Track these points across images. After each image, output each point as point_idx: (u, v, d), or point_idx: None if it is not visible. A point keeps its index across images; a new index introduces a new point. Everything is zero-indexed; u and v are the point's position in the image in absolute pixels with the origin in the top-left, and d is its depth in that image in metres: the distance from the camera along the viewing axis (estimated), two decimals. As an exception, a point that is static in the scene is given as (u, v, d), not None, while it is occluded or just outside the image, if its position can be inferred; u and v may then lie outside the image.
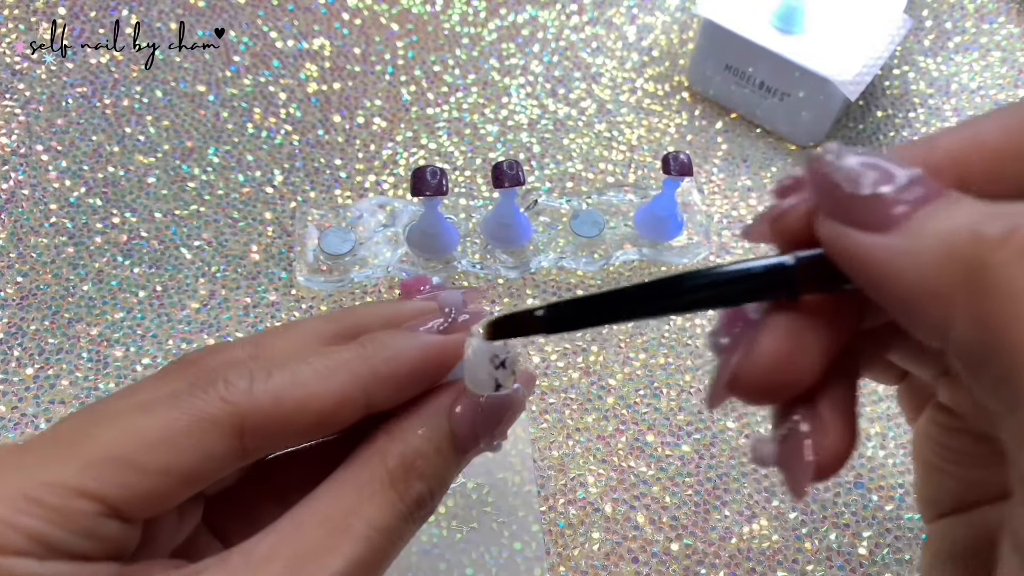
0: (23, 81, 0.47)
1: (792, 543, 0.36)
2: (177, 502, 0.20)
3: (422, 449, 0.21)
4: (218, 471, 0.20)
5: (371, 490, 0.20)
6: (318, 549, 0.19)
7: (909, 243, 0.16)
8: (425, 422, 0.21)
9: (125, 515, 0.19)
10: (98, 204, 0.44)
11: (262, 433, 0.20)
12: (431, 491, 0.21)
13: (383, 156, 0.46)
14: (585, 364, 0.40)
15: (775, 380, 0.19)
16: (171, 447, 0.19)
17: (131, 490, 0.19)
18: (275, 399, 0.20)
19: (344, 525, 0.19)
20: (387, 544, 0.20)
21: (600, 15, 0.53)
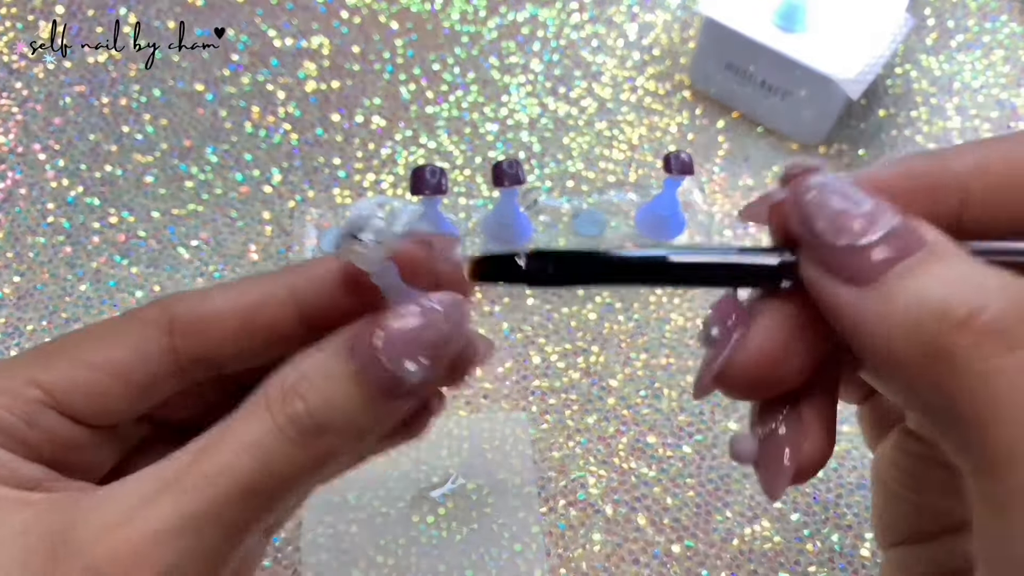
0: (20, 80, 0.47)
1: (794, 544, 0.36)
2: (122, 403, 0.21)
3: (306, 372, 0.19)
4: (155, 370, 0.21)
5: (246, 414, 0.19)
6: (182, 463, 0.18)
7: (880, 306, 0.16)
8: (320, 347, 0.19)
9: (68, 408, 0.20)
10: (96, 203, 0.43)
11: (191, 329, 0.21)
12: (313, 412, 0.18)
13: (382, 155, 0.46)
14: (586, 365, 0.40)
15: (762, 376, 0.19)
16: (110, 343, 0.20)
17: (74, 382, 0.20)
18: (203, 296, 0.21)
19: (214, 443, 0.19)
20: (258, 459, 0.18)
21: (601, 13, 0.52)
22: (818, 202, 0.18)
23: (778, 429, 0.19)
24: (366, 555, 0.33)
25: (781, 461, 0.19)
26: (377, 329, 0.19)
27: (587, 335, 0.41)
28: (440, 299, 0.19)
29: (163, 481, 0.18)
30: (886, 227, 0.17)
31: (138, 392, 0.21)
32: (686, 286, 0.20)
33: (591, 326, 0.41)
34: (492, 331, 0.40)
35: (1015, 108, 0.49)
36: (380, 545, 0.34)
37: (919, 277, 0.16)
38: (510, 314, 0.41)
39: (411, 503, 0.35)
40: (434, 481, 0.35)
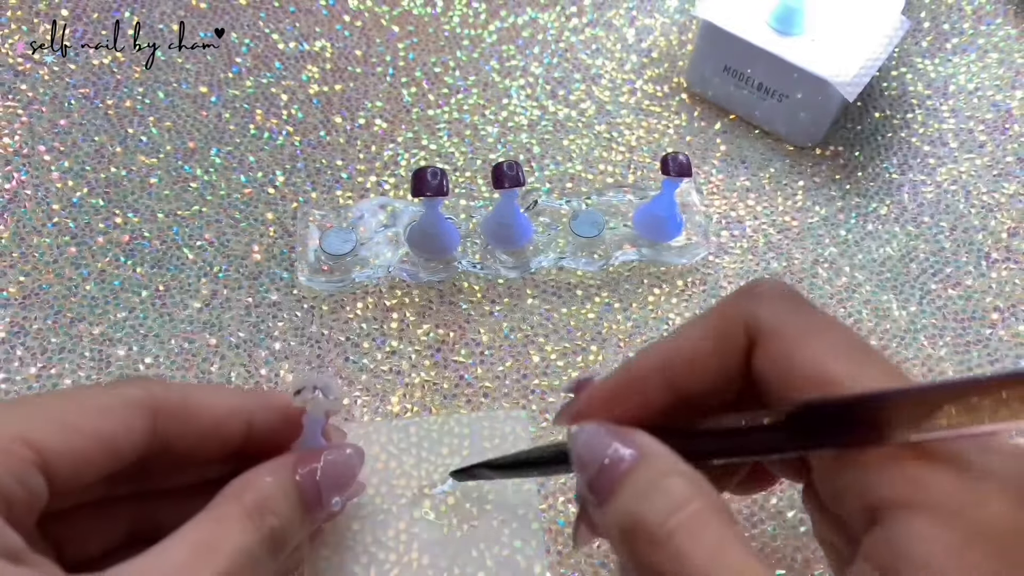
0: (25, 82, 0.48)
1: (791, 542, 0.36)
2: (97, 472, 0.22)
3: (272, 491, 0.24)
4: (134, 448, 0.23)
5: (231, 521, 0.23)
6: (185, 566, 0.21)
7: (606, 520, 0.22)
8: (273, 471, 0.25)
9: (52, 473, 0.21)
10: (100, 204, 0.44)
11: (172, 419, 0.24)
12: (283, 527, 0.24)
13: (384, 157, 0.47)
14: (585, 364, 0.40)
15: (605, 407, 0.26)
16: (99, 414, 0.22)
17: (64, 445, 0.21)
18: (184, 395, 0.25)
19: (210, 547, 0.22)
20: (249, 564, 0.22)
21: (599, 17, 0.53)
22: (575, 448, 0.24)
23: None
24: (368, 551, 0.34)
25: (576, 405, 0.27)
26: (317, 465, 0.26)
27: (586, 334, 0.41)
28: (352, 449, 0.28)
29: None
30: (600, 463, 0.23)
31: (113, 465, 0.23)
32: None
33: (590, 326, 0.41)
34: (492, 330, 0.41)
35: (1010, 110, 0.50)
36: (381, 542, 0.34)
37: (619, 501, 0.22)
38: (510, 314, 0.41)
39: (412, 500, 0.35)
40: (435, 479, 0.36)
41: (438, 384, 0.39)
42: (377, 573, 0.33)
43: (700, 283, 0.43)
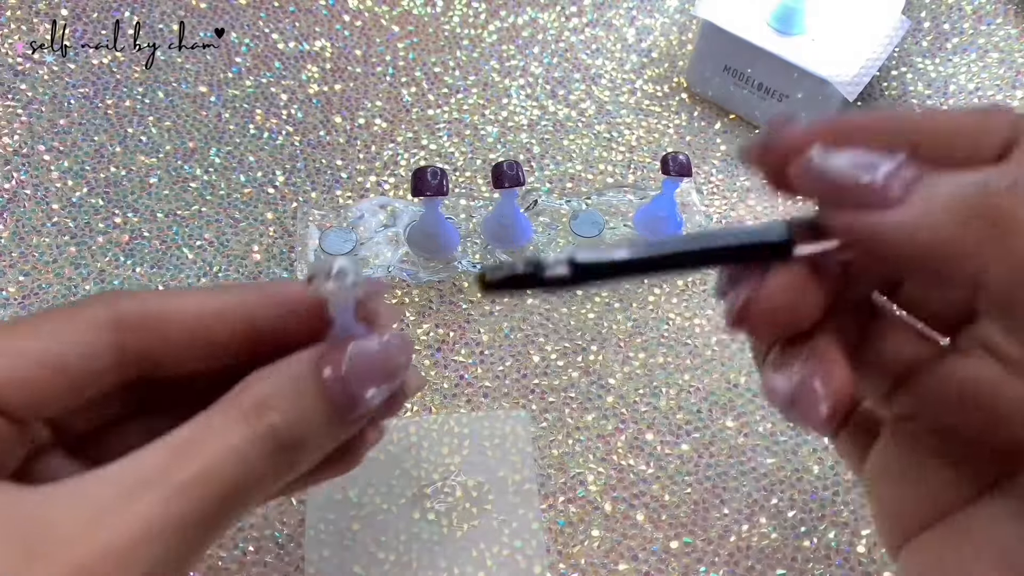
0: (25, 81, 0.48)
1: (791, 541, 0.36)
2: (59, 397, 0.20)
3: (280, 386, 0.20)
4: (96, 366, 0.21)
5: (222, 418, 0.20)
6: (162, 467, 0.18)
7: (923, 209, 0.17)
8: (290, 364, 0.21)
9: (2, 404, 0.20)
10: (100, 204, 0.44)
11: (139, 326, 0.21)
12: (288, 425, 0.20)
13: (384, 157, 0.46)
14: (585, 363, 0.40)
15: (788, 307, 0.20)
16: (49, 336, 0.20)
17: (12, 372, 0.20)
18: (158, 303, 0.21)
19: (189, 446, 0.19)
20: (236, 468, 0.19)
21: (599, 17, 0.53)
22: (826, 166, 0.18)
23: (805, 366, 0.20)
24: (368, 552, 0.34)
25: (815, 391, 0.20)
26: (345, 355, 0.21)
27: (586, 334, 0.41)
28: (394, 336, 0.22)
29: (143, 480, 0.18)
30: (897, 160, 0.18)
31: (75, 387, 0.21)
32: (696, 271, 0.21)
33: (590, 325, 0.41)
34: (492, 330, 0.41)
35: (1010, 110, 0.50)
36: (381, 542, 0.34)
37: (946, 181, 0.17)
38: (510, 313, 0.41)
39: (412, 500, 0.35)
40: (435, 478, 0.36)
41: (438, 384, 0.39)
42: (377, 573, 0.33)
43: (701, 283, 0.43)
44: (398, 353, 0.22)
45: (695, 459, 0.38)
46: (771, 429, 0.39)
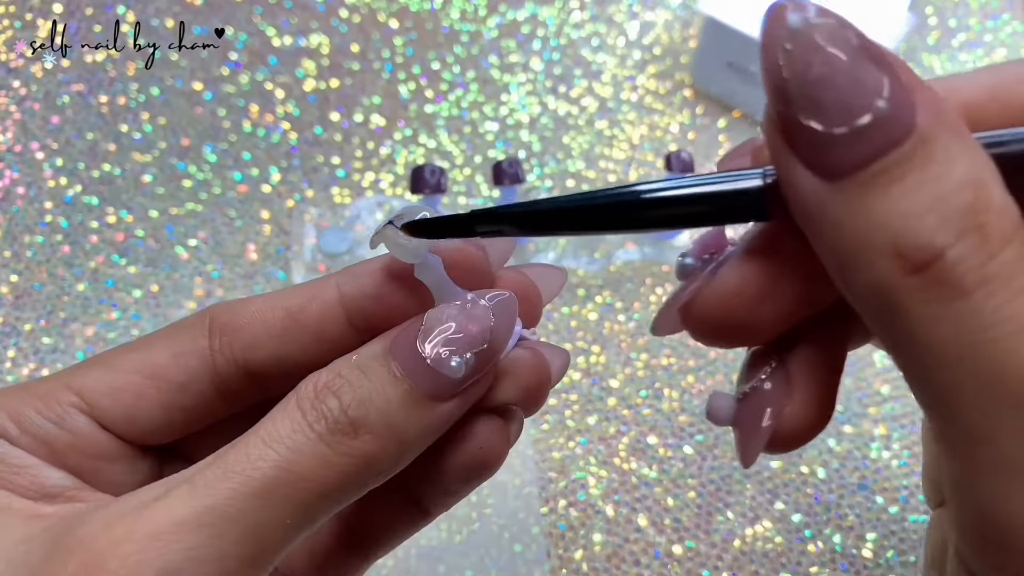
0: (18, 79, 0.47)
1: (796, 545, 0.35)
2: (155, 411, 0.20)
3: (341, 370, 0.18)
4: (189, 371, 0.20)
5: (273, 412, 0.18)
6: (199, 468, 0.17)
7: (840, 212, 0.14)
8: (361, 348, 0.18)
9: (99, 413, 0.19)
10: (94, 202, 0.43)
11: (228, 328, 0.19)
12: (344, 408, 0.17)
13: (381, 154, 0.46)
14: (586, 365, 0.40)
15: (730, 318, 0.17)
16: (146, 348, 0.20)
17: (109, 384, 0.19)
18: (244, 301, 0.20)
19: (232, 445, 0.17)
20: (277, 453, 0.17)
21: (601, 12, 0.52)
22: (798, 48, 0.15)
23: (761, 387, 0.17)
24: (365, 556, 0.33)
25: (758, 422, 0.17)
26: (417, 325, 0.18)
27: (587, 335, 0.40)
28: (488, 295, 0.18)
29: (178, 479, 0.17)
30: (869, 109, 0.14)
31: (172, 398, 0.20)
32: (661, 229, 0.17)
33: (591, 326, 0.41)
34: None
35: (1017, 107, 0.49)
36: (379, 546, 0.33)
37: (888, 189, 0.14)
38: (510, 314, 0.41)
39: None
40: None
41: (437, 385, 0.38)
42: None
43: (703, 282, 0.42)
44: (488, 316, 0.18)
45: (698, 462, 0.37)
46: (775, 431, 0.38)
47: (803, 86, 0.14)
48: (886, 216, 0.14)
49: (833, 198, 0.14)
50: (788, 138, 0.15)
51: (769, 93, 0.15)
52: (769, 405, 0.17)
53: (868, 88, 0.14)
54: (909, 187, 0.14)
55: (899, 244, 0.14)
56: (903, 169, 0.14)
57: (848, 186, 0.14)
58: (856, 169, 0.14)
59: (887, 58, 0.15)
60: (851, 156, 0.14)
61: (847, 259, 0.14)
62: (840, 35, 0.15)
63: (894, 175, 0.14)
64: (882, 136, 0.14)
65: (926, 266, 0.14)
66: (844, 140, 0.14)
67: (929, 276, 0.14)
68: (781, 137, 0.15)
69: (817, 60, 0.14)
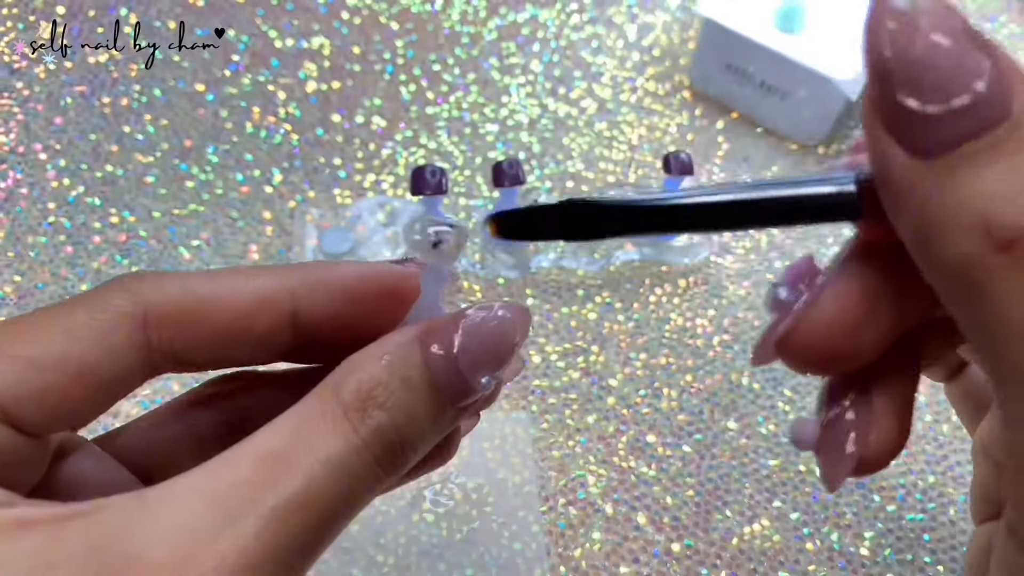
0: (21, 80, 0.47)
1: (793, 544, 0.36)
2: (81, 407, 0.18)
3: (383, 378, 0.17)
4: (122, 368, 0.18)
5: (319, 422, 0.17)
6: (248, 484, 0.16)
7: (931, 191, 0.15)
8: (390, 349, 0.18)
9: (15, 419, 0.17)
10: (97, 203, 0.43)
11: (169, 323, 0.18)
12: (396, 426, 0.17)
13: (382, 155, 0.46)
14: (585, 364, 0.40)
15: (831, 348, 0.17)
16: (64, 338, 0.17)
17: (24, 386, 0.17)
18: (185, 289, 0.18)
19: (283, 458, 0.16)
20: (339, 483, 0.16)
21: (600, 14, 0.52)
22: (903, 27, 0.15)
23: (844, 414, 0.18)
24: (366, 554, 0.33)
25: (843, 449, 0.17)
26: (456, 331, 0.18)
27: (587, 335, 0.41)
28: (509, 308, 0.18)
29: (223, 507, 0.15)
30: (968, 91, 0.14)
31: (101, 394, 0.18)
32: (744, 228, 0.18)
33: (591, 326, 0.41)
34: (492, 331, 0.40)
35: (1014, 109, 0.49)
36: (380, 544, 0.34)
37: (979, 170, 0.14)
38: (510, 314, 0.41)
39: (411, 502, 0.35)
40: (434, 480, 0.35)
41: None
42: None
43: (703, 283, 0.43)
44: (516, 329, 0.18)
45: (697, 461, 0.37)
46: (774, 430, 0.38)
47: (904, 65, 0.15)
48: (975, 195, 0.14)
49: (925, 176, 0.15)
50: (885, 116, 0.15)
51: (870, 72, 0.15)
52: (853, 431, 0.17)
53: (969, 70, 0.14)
54: (1000, 170, 0.14)
55: (987, 223, 0.14)
56: (996, 152, 0.14)
57: (940, 165, 0.15)
58: (949, 148, 0.14)
59: (990, 44, 0.15)
60: (945, 135, 0.14)
61: (934, 236, 0.15)
62: (945, 18, 0.15)
63: (986, 157, 0.14)
64: (978, 119, 0.14)
65: (1011, 245, 0.14)
66: (940, 120, 0.14)
67: (1015, 254, 0.14)
68: (878, 115, 0.15)
69: (920, 40, 0.15)
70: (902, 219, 0.15)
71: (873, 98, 0.15)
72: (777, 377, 0.40)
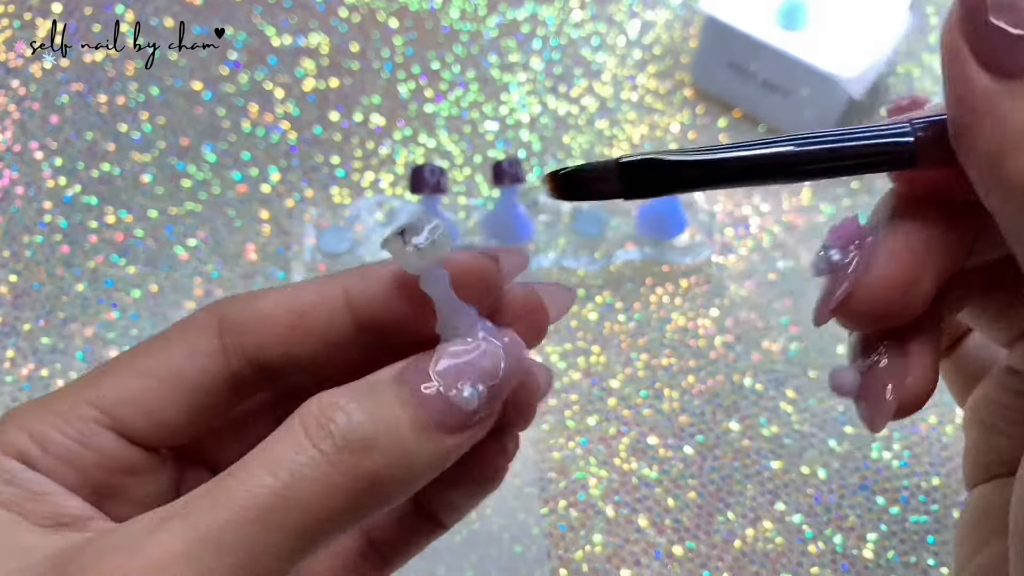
0: (17, 78, 0.47)
1: (796, 546, 0.35)
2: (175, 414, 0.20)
3: (352, 390, 0.17)
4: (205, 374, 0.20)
5: (275, 433, 0.17)
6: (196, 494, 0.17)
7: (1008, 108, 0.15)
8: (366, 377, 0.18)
9: (122, 424, 0.19)
10: (93, 202, 0.43)
11: (240, 328, 0.20)
12: (352, 425, 0.17)
13: (381, 154, 0.46)
14: (586, 365, 0.39)
15: (890, 303, 0.18)
16: (159, 350, 0.20)
17: (126, 391, 0.19)
18: (252, 296, 0.20)
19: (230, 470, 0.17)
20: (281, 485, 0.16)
21: (601, 11, 0.52)
22: None
23: (880, 362, 0.19)
24: (365, 557, 0.33)
25: (884, 395, 0.19)
26: (428, 355, 0.18)
27: (587, 335, 0.40)
28: (501, 332, 0.18)
29: (173, 509, 0.17)
30: None
31: (191, 399, 0.20)
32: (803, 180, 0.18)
33: (591, 326, 0.41)
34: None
35: (1018, 107, 0.49)
36: (379, 547, 0.33)
37: None
38: (510, 314, 0.41)
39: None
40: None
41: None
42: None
43: (704, 282, 0.42)
44: (501, 354, 0.18)
45: (699, 462, 0.37)
46: (776, 432, 0.38)
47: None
48: None
49: (1006, 94, 0.15)
50: (972, 36, 0.16)
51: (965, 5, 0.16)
52: (891, 378, 0.19)
53: None
54: None
55: None
56: None
57: (1020, 85, 0.15)
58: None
59: None
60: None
61: (1006, 151, 0.15)
62: None
63: None
64: None
65: None
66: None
67: None
68: (964, 36, 0.16)
69: None
70: (976, 142, 0.16)
71: (961, 18, 0.16)
72: (779, 378, 0.39)
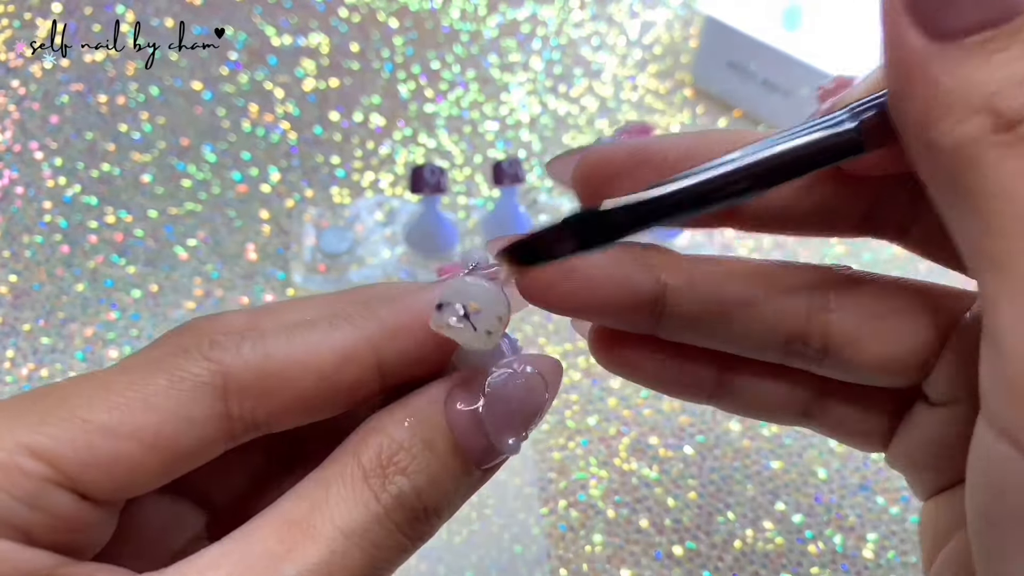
0: (17, 78, 0.47)
1: (796, 546, 0.35)
2: (153, 479, 0.17)
3: (405, 441, 0.17)
4: (201, 440, 0.17)
5: (339, 487, 0.16)
6: (270, 555, 0.16)
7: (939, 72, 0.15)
8: (413, 412, 0.17)
9: (82, 487, 0.16)
10: (93, 202, 0.43)
11: (251, 393, 0.17)
12: (418, 492, 0.17)
13: (381, 154, 0.46)
14: (586, 365, 0.39)
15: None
16: (142, 407, 0.17)
17: (90, 454, 0.16)
18: (265, 355, 0.17)
19: (304, 527, 0.16)
20: (362, 552, 0.16)
21: (601, 11, 0.52)
22: None
23: None
24: (365, 557, 0.33)
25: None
26: (481, 396, 0.17)
27: (588, 335, 0.40)
28: (539, 364, 0.18)
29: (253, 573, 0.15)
30: None
31: (177, 464, 0.17)
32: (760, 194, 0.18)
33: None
34: (492, 331, 0.40)
35: (1018, 107, 0.49)
36: (379, 547, 0.33)
37: (991, 56, 0.15)
38: (510, 314, 0.41)
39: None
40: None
41: (437, 386, 0.38)
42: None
43: (704, 282, 0.42)
44: (544, 389, 0.18)
45: (699, 463, 0.37)
46: (776, 432, 0.38)
47: None
48: (985, 79, 0.15)
49: (938, 59, 0.15)
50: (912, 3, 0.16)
51: None
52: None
53: None
54: (1012, 58, 0.15)
55: (993, 104, 0.15)
56: (1010, 42, 0.15)
57: (954, 48, 0.15)
58: (966, 33, 0.15)
59: None
60: (964, 20, 0.15)
61: (938, 115, 0.15)
62: None
63: (1000, 45, 0.15)
64: (999, 8, 0.15)
65: (1016, 124, 0.15)
66: (963, 4, 0.15)
67: (1018, 133, 0.15)
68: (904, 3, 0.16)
69: None
70: (909, 103, 0.16)
71: None
72: (780, 378, 0.39)
